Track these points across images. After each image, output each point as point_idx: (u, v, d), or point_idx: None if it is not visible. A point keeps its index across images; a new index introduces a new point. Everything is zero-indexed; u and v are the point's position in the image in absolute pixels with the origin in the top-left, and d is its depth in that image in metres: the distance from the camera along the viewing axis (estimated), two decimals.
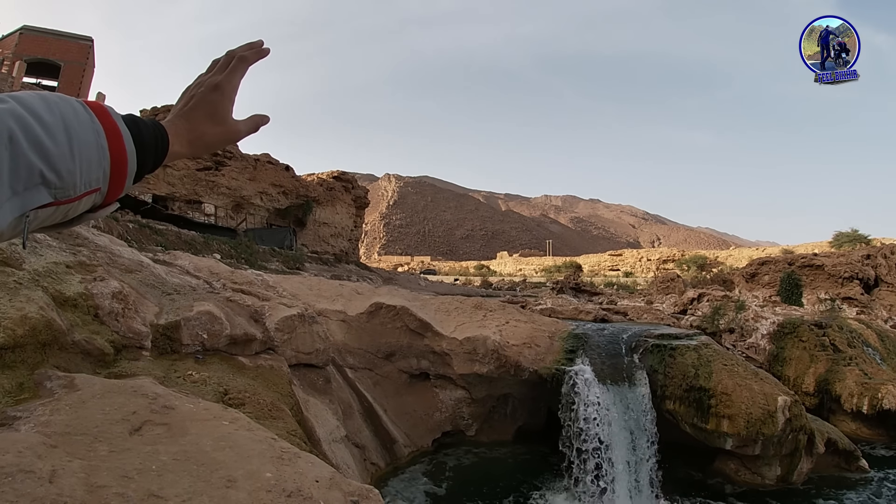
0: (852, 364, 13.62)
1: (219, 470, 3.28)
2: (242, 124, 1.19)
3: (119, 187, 0.91)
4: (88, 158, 0.83)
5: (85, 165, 0.82)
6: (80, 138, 0.82)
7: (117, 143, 0.87)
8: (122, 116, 0.94)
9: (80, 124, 0.82)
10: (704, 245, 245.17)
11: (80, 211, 0.89)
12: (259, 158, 47.23)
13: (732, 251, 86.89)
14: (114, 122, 0.88)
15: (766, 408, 9.50)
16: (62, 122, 0.80)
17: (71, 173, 0.80)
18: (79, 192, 0.83)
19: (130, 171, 0.91)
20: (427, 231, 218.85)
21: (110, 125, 0.88)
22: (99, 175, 0.85)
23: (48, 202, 0.79)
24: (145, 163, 0.95)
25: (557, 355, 10.72)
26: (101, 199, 0.90)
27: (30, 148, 0.74)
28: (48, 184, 0.78)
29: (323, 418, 8.06)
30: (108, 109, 0.90)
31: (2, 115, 0.74)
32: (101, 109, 0.88)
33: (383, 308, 11.46)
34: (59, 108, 0.81)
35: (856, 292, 24.20)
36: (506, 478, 10.04)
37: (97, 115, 0.87)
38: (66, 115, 0.81)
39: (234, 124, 1.17)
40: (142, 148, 0.93)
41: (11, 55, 41.35)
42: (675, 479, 9.73)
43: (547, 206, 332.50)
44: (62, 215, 0.86)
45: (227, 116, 1.15)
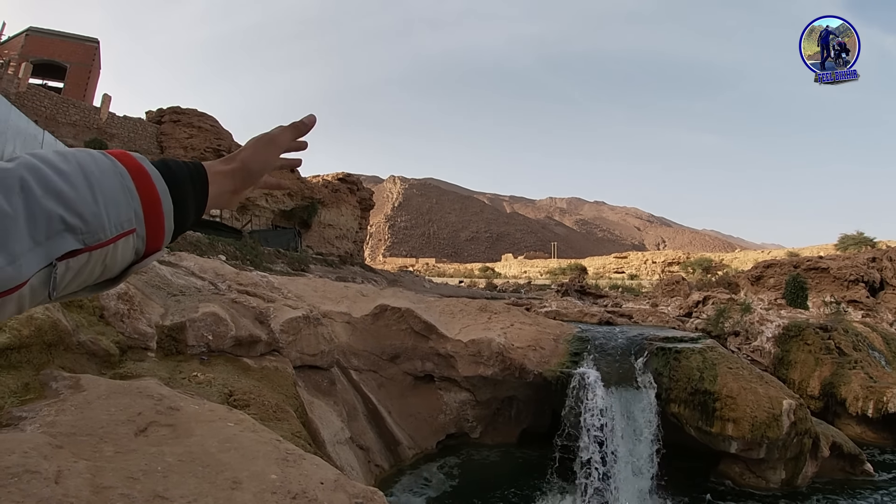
0: (857, 367, 13.59)
1: (224, 471, 3.29)
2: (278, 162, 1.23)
3: (158, 229, 0.88)
4: (114, 200, 0.81)
5: (111, 207, 0.80)
6: (102, 181, 0.80)
7: (145, 182, 0.86)
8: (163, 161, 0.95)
9: (99, 168, 0.81)
10: (710, 248, 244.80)
11: (122, 261, 0.86)
12: None
13: (738, 254, 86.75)
14: (139, 163, 0.87)
15: (771, 411, 9.48)
16: (79, 168, 0.79)
17: (96, 216, 0.78)
18: (109, 234, 0.80)
19: (166, 209, 0.89)
20: (432, 233, 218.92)
21: (135, 166, 0.86)
22: (130, 216, 0.83)
23: (76, 248, 0.76)
24: (183, 200, 0.93)
25: (562, 358, 10.71)
26: (142, 245, 0.87)
27: (45, 195, 0.73)
28: (73, 229, 0.75)
29: (327, 420, 8.07)
30: (132, 154, 0.89)
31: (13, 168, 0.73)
32: (123, 154, 0.87)
33: (388, 310, 11.46)
34: (76, 157, 0.80)
35: (861, 295, 24.14)
36: (510, 480, 10.03)
37: (119, 159, 0.85)
38: (84, 161, 0.80)
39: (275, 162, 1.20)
40: (175, 185, 0.92)
41: (17, 57, 41.46)
42: (680, 482, 9.71)
43: (552, 208, 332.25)
44: (100, 266, 0.83)
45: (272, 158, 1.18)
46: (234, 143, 45.12)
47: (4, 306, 0.71)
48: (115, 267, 0.86)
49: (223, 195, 1.08)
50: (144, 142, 40.15)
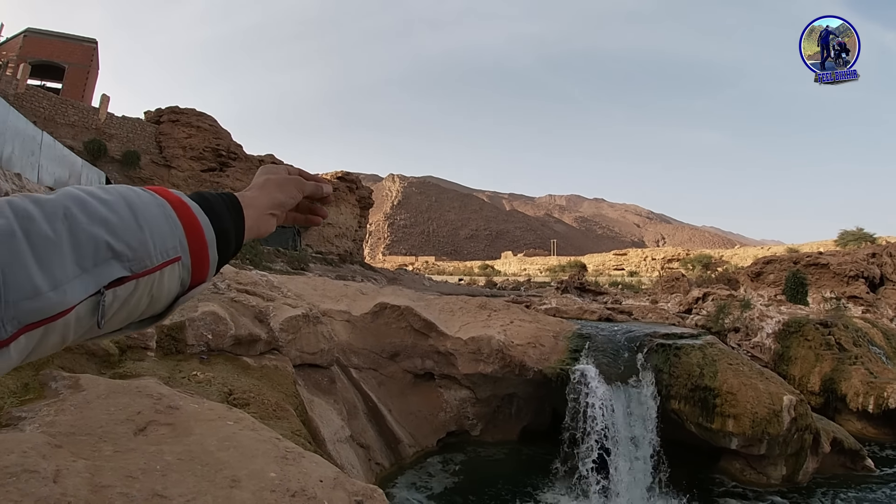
0: (858, 363, 13.59)
1: (223, 470, 3.28)
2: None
3: (203, 259, 0.88)
4: (159, 228, 0.81)
5: (156, 234, 0.80)
6: (145, 210, 0.80)
7: (186, 212, 0.86)
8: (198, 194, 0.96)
9: (141, 199, 0.81)
10: (709, 244, 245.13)
11: (168, 292, 0.85)
12: (263, 159, 47.38)
13: (737, 250, 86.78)
14: (177, 196, 0.88)
15: (772, 407, 9.49)
16: (122, 198, 0.79)
17: (142, 242, 0.78)
18: (156, 261, 0.80)
19: (209, 238, 0.89)
20: (431, 231, 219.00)
21: (174, 198, 0.86)
22: (175, 244, 0.83)
23: (124, 276, 0.76)
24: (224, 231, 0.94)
25: (562, 355, 10.71)
26: (187, 276, 0.87)
27: (90, 222, 0.73)
28: (119, 256, 0.75)
29: (327, 418, 8.06)
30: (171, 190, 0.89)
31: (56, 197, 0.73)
32: (161, 189, 0.87)
33: (388, 308, 11.46)
34: (117, 189, 0.81)
35: (861, 291, 24.13)
36: (511, 477, 10.03)
37: (156, 192, 0.85)
38: (125, 192, 0.81)
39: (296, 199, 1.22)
40: (214, 215, 0.92)
41: (16, 58, 41.47)
42: (680, 479, 9.70)
43: (551, 205, 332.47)
44: (147, 296, 0.82)
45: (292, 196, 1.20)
46: (233, 143, 45.14)
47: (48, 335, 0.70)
48: (162, 298, 0.85)
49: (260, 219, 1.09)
50: (143, 142, 40.17)
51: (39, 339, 0.68)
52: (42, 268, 0.67)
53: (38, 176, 16.05)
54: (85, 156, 28.90)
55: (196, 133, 41.87)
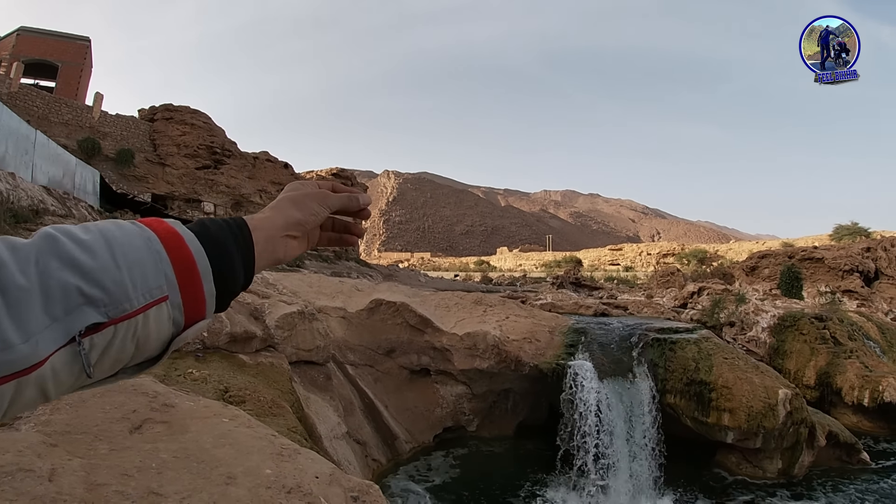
0: (853, 357, 13.63)
1: (219, 467, 3.28)
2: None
3: (197, 294, 0.80)
4: (141, 265, 0.74)
5: (137, 273, 0.73)
6: (125, 246, 0.73)
7: (176, 244, 0.78)
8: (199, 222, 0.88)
9: (124, 234, 0.75)
10: (704, 239, 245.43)
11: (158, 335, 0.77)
12: (258, 156, 47.29)
13: (732, 245, 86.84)
14: (168, 226, 0.80)
15: (767, 401, 9.52)
16: (101, 235, 0.73)
17: (119, 284, 0.71)
18: (136, 304, 0.72)
19: (203, 270, 0.80)
20: (427, 227, 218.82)
21: (163, 229, 0.79)
22: (160, 282, 0.75)
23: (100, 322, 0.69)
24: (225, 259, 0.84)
25: (558, 350, 10.73)
26: (180, 315, 0.78)
27: (62, 266, 0.68)
28: (93, 301, 0.69)
29: (324, 415, 8.07)
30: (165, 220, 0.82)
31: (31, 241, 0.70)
32: (153, 220, 0.81)
33: (383, 304, 11.47)
34: (98, 226, 0.75)
35: (856, 285, 24.21)
36: (507, 472, 10.05)
37: (148, 224, 0.79)
38: (106, 228, 0.75)
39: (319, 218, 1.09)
40: (212, 244, 0.83)
41: (9, 56, 41.34)
42: (676, 473, 9.73)
43: (546, 201, 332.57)
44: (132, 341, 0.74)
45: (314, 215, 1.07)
46: (227, 140, 45.00)
47: (23, 390, 0.65)
48: (151, 342, 0.77)
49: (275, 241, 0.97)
50: (137, 140, 40.05)
51: (13, 394, 0.64)
52: (14, 319, 0.63)
53: (32, 175, 16.00)
54: (79, 154, 28.78)
55: (190, 130, 41.74)
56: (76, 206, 14.06)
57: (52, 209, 11.67)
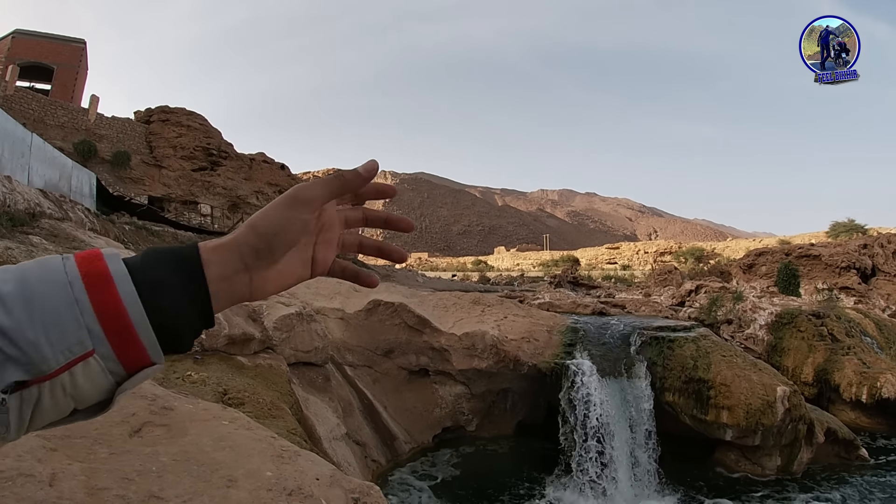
0: (851, 353, 13.64)
1: (219, 470, 3.28)
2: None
3: (131, 344, 0.70)
4: (58, 322, 0.67)
5: (53, 331, 0.66)
6: (44, 300, 0.67)
7: (103, 289, 0.70)
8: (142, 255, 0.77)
9: (45, 284, 0.68)
10: (701, 237, 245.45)
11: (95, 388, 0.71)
12: (254, 158, 47.25)
13: (729, 242, 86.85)
14: (100, 265, 0.71)
15: (766, 398, 9.53)
16: (21, 287, 0.67)
17: (33, 343, 0.65)
18: (54, 365, 0.66)
19: (135, 318, 0.70)
20: (424, 227, 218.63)
21: (93, 270, 0.71)
22: (81, 336, 0.67)
23: (24, 379, 0.65)
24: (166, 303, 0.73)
25: (556, 349, 10.73)
26: (116, 365, 0.70)
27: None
28: (14, 360, 0.64)
29: (323, 416, 8.06)
30: (103, 252, 0.74)
31: None
32: (88, 257, 0.72)
33: (381, 305, 11.47)
34: (23, 272, 0.69)
35: (853, 282, 24.25)
36: (507, 472, 10.05)
37: (80, 264, 0.71)
38: (28, 278, 0.68)
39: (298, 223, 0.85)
40: (149, 285, 0.73)
41: (4, 59, 41.23)
42: (675, 471, 9.75)
43: (543, 200, 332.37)
44: (64, 397, 0.69)
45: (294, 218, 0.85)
46: (224, 142, 44.95)
47: None
48: (87, 394, 0.71)
49: (231, 279, 0.81)
50: (133, 142, 40.00)
51: None
52: None
53: (28, 178, 15.98)
54: (75, 157, 28.76)
55: (186, 132, 41.67)
56: (73, 209, 14.03)
57: (48, 212, 11.65)
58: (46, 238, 9.05)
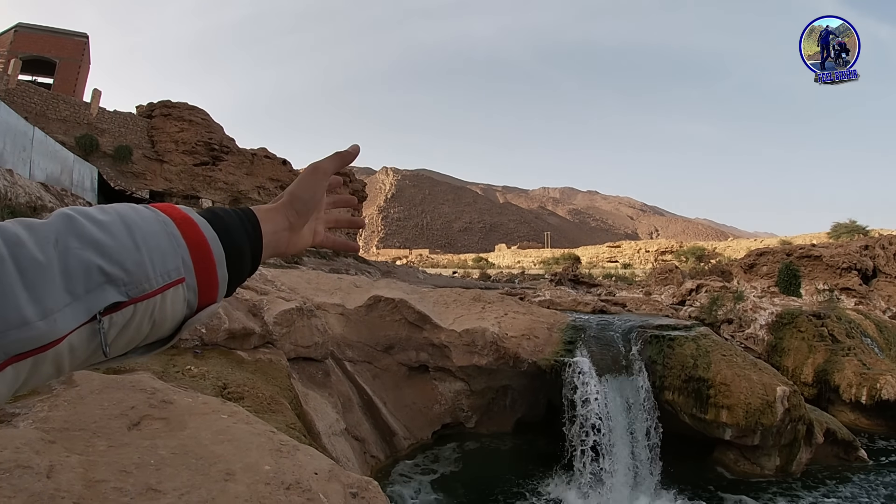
0: (851, 354, 13.64)
1: (217, 463, 3.28)
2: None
3: (211, 278, 0.82)
4: (159, 248, 0.75)
5: (156, 255, 0.74)
6: (144, 229, 0.74)
7: (191, 229, 0.80)
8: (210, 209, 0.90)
9: (141, 218, 0.76)
10: (703, 236, 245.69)
11: (173, 316, 0.79)
12: (256, 153, 47.24)
13: (731, 242, 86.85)
14: (183, 212, 0.82)
15: (765, 398, 9.53)
16: (119, 217, 0.74)
17: (139, 264, 0.72)
18: (155, 285, 0.73)
19: (217, 256, 0.82)
20: (425, 224, 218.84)
21: (179, 215, 0.81)
22: (178, 264, 0.77)
23: (121, 301, 0.70)
24: (236, 246, 0.87)
25: (556, 347, 10.73)
26: (194, 297, 0.80)
27: (82, 246, 0.68)
28: (114, 280, 0.69)
29: (322, 411, 8.06)
30: (178, 206, 0.84)
31: (48, 221, 0.69)
32: (167, 206, 0.83)
33: (382, 301, 11.46)
34: (115, 208, 0.76)
35: (854, 283, 24.22)
36: (506, 469, 10.06)
37: (163, 210, 0.81)
38: (123, 211, 0.76)
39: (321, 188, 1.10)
40: (224, 231, 0.85)
41: (7, 53, 41.26)
42: (674, 470, 9.74)
43: (545, 198, 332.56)
44: (149, 321, 0.75)
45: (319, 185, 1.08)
46: (226, 137, 44.94)
47: (39, 366, 0.65)
48: (166, 322, 0.79)
49: (279, 234, 1.00)
50: (135, 136, 40.00)
51: (29, 370, 0.64)
52: (32, 296, 0.63)
53: (30, 172, 15.99)
54: (77, 151, 28.78)
55: (188, 127, 41.67)
56: (74, 203, 14.03)
57: (50, 206, 11.66)
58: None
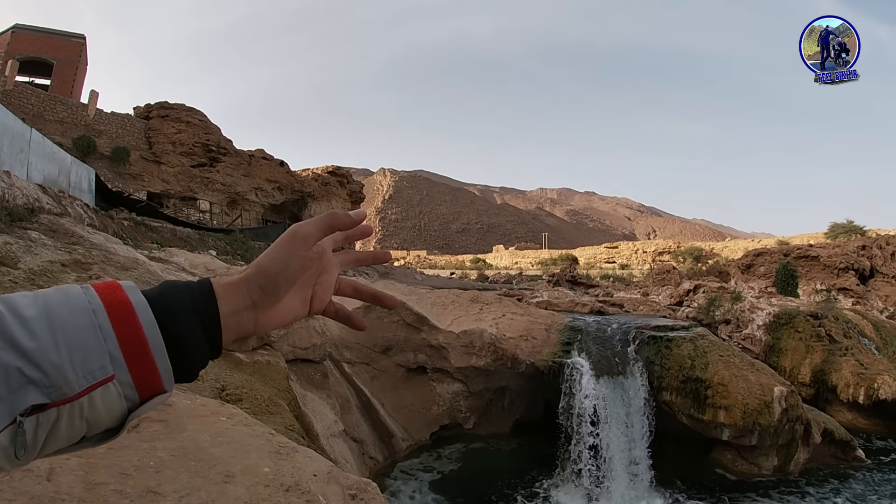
0: (848, 354, 13.65)
1: (216, 465, 3.28)
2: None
3: (149, 373, 0.73)
4: (82, 346, 0.69)
5: (78, 355, 0.68)
6: (68, 326, 0.69)
7: (125, 317, 0.72)
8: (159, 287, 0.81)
9: (69, 310, 0.70)
10: (700, 237, 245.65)
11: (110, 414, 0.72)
12: (254, 154, 47.16)
13: (728, 242, 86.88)
14: (121, 295, 0.74)
15: (763, 398, 9.54)
16: (45, 312, 0.69)
17: (57, 367, 0.67)
18: (77, 388, 0.68)
19: (155, 346, 0.73)
20: (423, 225, 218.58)
21: (115, 298, 0.73)
22: (104, 362, 0.70)
23: (44, 403, 0.66)
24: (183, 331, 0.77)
25: (554, 347, 10.74)
26: (132, 392, 0.73)
27: (4, 345, 0.65)
28: (34, 382, 0.65)
29: (321, 413, 8.07)
30: (122, 284, 0.77)
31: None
32: (107, 287, 0.75)
33: None
34: (46, 299, 0.71)
35: (851, 283, 24.23)
36: (504, 470, 10.06)
37: (101, 292, 0.74)
38: (53, 302, 0.70)
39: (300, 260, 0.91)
40: (168, 313, 0.76)
41: (4, 54, 41.14)
42: (672, 470, 9.76)
43: (542, 199, 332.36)
44: (80, 421, 0.70)
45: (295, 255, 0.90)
46: (223, 138, 44.85)
47: None
48: (103, 420, 0.72)
49: (241, 315, 0.85)
50: (132, 138, 39.93)
51: None
52: None
53: (27, 173, 15.95)
54: (74, 152, 28.68)
55: (186, 128, 41.56)
56: (71, 205, 14.02)
57: (47, 207, 11.64)
58: (45, 233, 9.03)
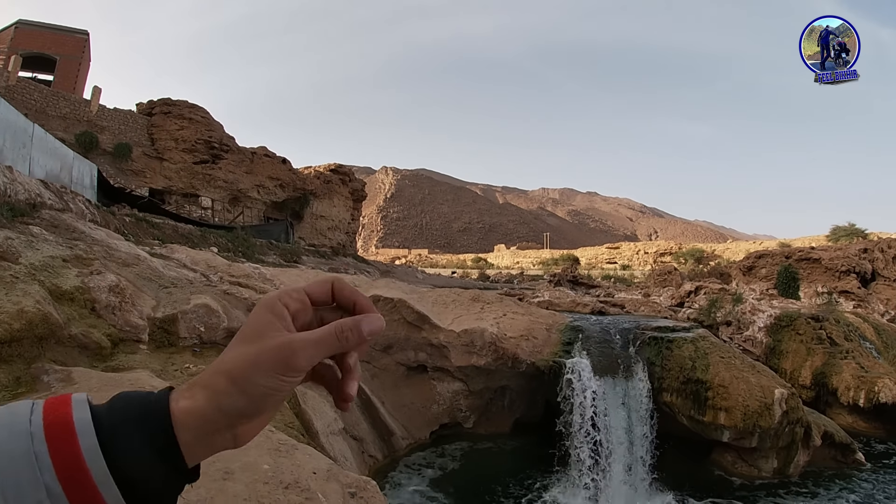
0: (849, 357, 13.63)
1: (215, 462, 3.27)
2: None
3: (95, 502, 0.64)
4: (17, 480, 0.61)
5: (11, 490, 0.61)
6: (3, 451, 0.62)
7: (65, 442, 0.65)
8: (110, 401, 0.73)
9: (9, 433, 0.64)
10: (702, 238, 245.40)
11: None
12: (256, 151, 47.13)
13: (730, 244, 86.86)
14: (64, 414, 0.67)
15: (763, 400, 9.53)
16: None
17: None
18: None
19: (99, 477, 0.64)
20: (424, 224, 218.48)
21: (57, 419, 0.66)
22: (39, 497, 0.62)
23: None
24: (134, 459, 0.67)
25: (555, 347, 10.73)
26: None
27: None
28: None
29: (321, 410, 8.05)
30: (73, 398, 0.70)
31: None
32: (58, 401, 0.68)
33: (381, 300, 11.45)
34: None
35: (853, 286, 24.23)
36: (504, 470, 10.05)
37: (48, 409, 0.67)
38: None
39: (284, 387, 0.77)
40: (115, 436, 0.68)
41: (7, 49, 41.13)
42: (672, 471, 9.75)
43: (544, 198, 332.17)
44: None
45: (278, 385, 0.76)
46: (225, 135, 44.77)
47: None
48: None
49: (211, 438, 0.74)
50: (135, 134, 39.90)
51: None
52: None
53: (29, 169, 15.96)
54: (76, 148, 28.68)
55: (188, 125, 41.51)
56: (73, 201, 14.02)
57: (49, 203, 11.64)
58: (47, 229, 9.04)
